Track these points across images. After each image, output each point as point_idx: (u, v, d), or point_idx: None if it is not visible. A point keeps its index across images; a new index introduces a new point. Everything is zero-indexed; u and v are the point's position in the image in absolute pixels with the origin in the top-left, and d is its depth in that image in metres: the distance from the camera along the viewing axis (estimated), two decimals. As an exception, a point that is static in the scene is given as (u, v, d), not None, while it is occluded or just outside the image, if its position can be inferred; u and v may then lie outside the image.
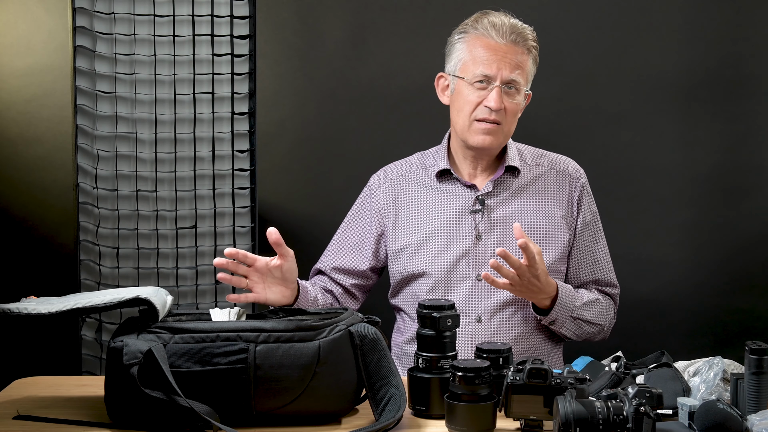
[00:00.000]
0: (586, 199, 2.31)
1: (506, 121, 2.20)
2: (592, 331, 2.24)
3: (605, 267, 2.31)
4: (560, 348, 2.31)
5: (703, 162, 3.14)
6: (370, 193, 2.37)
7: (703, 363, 1.80)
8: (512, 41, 2.18)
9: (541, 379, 1.60)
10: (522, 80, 2.20)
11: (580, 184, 2.30)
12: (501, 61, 2.17)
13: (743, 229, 3.14)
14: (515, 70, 2.18)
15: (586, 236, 2.29)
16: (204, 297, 2.75)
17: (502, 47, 2.18)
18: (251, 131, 2.75)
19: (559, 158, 2.34)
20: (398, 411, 1.65)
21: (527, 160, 2.31)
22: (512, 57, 2.18)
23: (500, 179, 2.26)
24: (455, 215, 2.25)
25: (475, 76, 2.18)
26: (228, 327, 1.67)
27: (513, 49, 2.19)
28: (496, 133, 2.20)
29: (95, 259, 2.70)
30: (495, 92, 2.17)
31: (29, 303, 1.73)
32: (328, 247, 2.38)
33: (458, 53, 2.23)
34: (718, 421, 1.56)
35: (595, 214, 2.32)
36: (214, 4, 2.72)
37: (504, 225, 2.23)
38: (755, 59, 3.12)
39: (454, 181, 2.28)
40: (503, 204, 2.25)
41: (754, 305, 3.15)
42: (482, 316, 2.20)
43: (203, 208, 2.74)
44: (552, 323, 2.17)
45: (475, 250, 2.22)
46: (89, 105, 2.69)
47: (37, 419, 1.70)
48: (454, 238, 2.23)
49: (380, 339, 1.72)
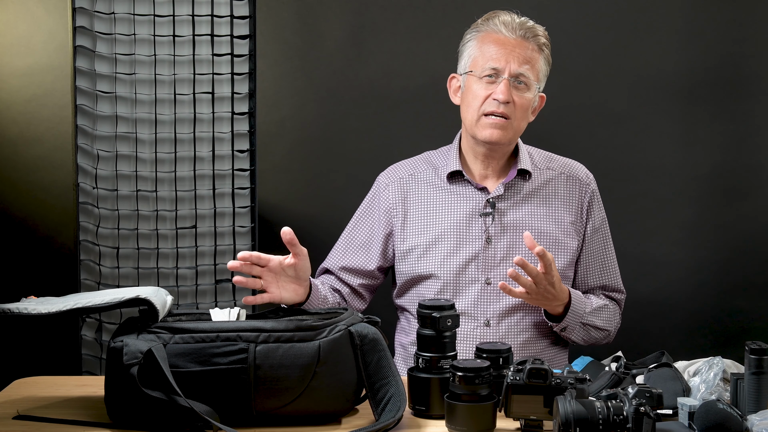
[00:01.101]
0: (596, 205, 2.30)
1: (515, 116, 2.20)
2: (599, 336, 2.24)
3: (613, 273, 2.31)
4: (566, 352, 2.31)
5: (703, 162, 3.14)
6: (378, 191, 2.35)
7: (703, 363, 1.80)
8: (522, 36, 2.20)
9: (541, 379, 1.60)
10: (532, 76, 2.20)
11: (590, 189, 2.30)
12: (510, 55, 2.18)
13: (743, 229, 3.14)
14: (524, 64, 2.18)
15: (596, 242, 2.29)
16: (204, 297, 2.75)
17: (511, 41, 2.19)
18: (251, 131, 2.75)
19: (569, 163, 2.34)
20: (398, 411, 1.65)
21: (537, 163, 2.30)
22: (521, 51, 2.19)
23: (511, 182, 2.25)
24: (465, 217, 2.24)
25: (484, 69, 2.19)
26: (228, 327, 1.67)
27: (522, 44, 2.19)
28: (505, 127, 2.19)
29: (95, 259, 2.70)
30: (503, 84, 2.17)
31: (29, 303, 1.73)
32: (336, 246, 2.37)
33: (469, 50, 2.24)
34: (718, 421, 1.56)
35: (604, 219, 2.32)
36: (214, 4, 2.72)
37: (514, 229, 2.22)
38: (755, 59, 3.12)
39: (465, 182, 2.27)
40: (514, 208, 2.24)
41: (754, 305, 3.14)
42: (491, 320, 2.20)
43: (203, 208, 2.74)
44: (563, 330, 2.17)
45: (485, 254, 2.21)
46: (89, 105, 2.69)
47: (37, 419, 1.70)
48: (464, 240, 2.22)
49: (380, 339, 1.71)
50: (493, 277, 2.20)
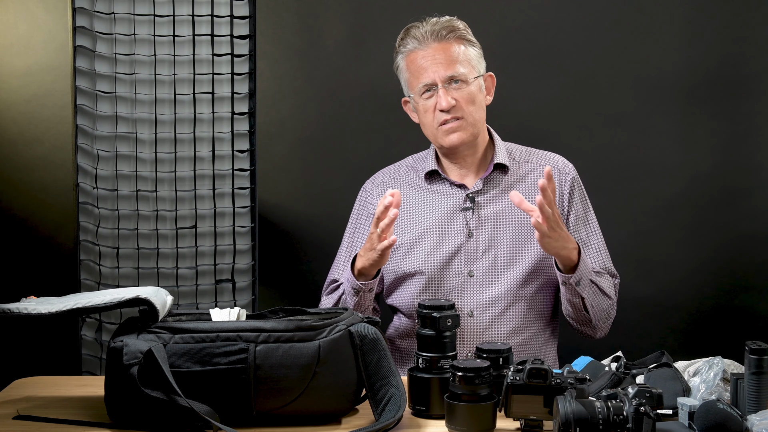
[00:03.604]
0: (577, 192, 2.32)
1: (467, 112, 2.22)
2: (605, 306, 2.21)
3: (603, 256, 2.31)
4: (554, 342, 2.32)
5: (703, 162, 3.14)
6: (365, 197, 2.39)
7: (703, 363, 1.80)
8: (436, 39, 2.23)
9: (541, 379, 1.60)
10: (464, 70, 2.22)
11: (570, 177, 2.32)
12: (433, 65, 2.21)
13: (743, 229, 3.14)
14: (451, 65, 2.21)
15: (580, 229, 2.30)
16: (204, 297, 2.75)
17: (428, 52, 2.23)
18: (251, 131, 2.75)
19: (549, 155, 2.36)
20: (398, 411, 1.65)
21: (516, 157, 2.33)
22: (442, 55, 2.22)
23: (490, 177, 2.29)
24: (446, 214, 2.27)
25: (420, 89, 2.24)
26: (228, 327, 1.67)
27: (441, 47, 2.22)
28: (463, 127, 2.22)
29: (95, 259, 2.70)
30: (441, 94, 2.20)
31: (29, 303, 1.73)
32: (339, 259, 2.38)
33: (402, 75, 2.30)
34: (718, 421, 1.56)
35: (586, 206, 2.33)
36: (214, 4, 2.72)
37: (495, 221, 2.25)
38: (755, 59, 3.12)
39: (443, 181, 2.30)
40: (493, 201, 2.27)
41: (754, 305, 3.15)
42: (474, 310, 2.22)
43: (203, 208, 2.74)
44: (578, 283, 2.14)
45: (467, 247, 2.24)
46: (89, 105, 2.69)
47: (37, 419, 1.70)
48: (446, 235, 2.25)
49: (380, 339, 1.72)
50: (476, 270, 2.23)
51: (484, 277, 2.23)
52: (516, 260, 2.23)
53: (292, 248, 3.13)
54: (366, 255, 2.09)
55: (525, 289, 2.23)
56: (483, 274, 2.23)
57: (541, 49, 3.11)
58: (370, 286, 2.15)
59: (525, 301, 2.24)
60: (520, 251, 2.23)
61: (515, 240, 2.24)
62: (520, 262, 2.23)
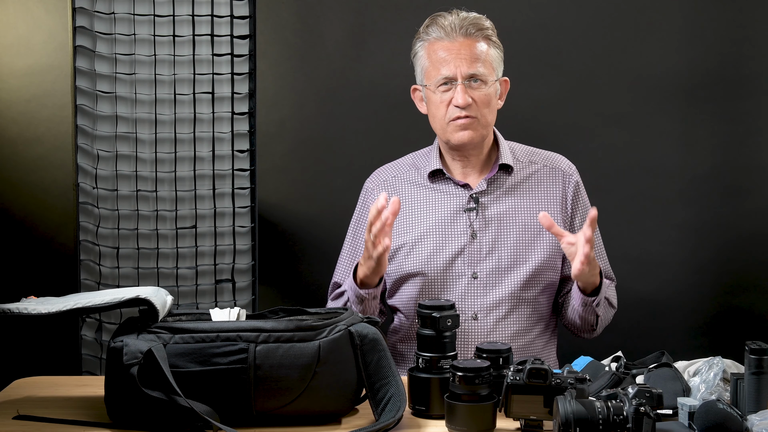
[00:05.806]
0: (582, 195, 2.32)
1: (480, 113, 2.21)
2: (609, 316, 2.24)
3: (603, 260, 2.31)
4: (554, 344, 2.32)
5: (703, 162, 3.14)
6: (366, 196, 2.37)
7: (703, 363, 1.80)
8: (464, 35, 2.20)
9: (541, 379, 1.60)
10: (485, 70, 2.20)
11: (574, 180, 2.31)
12: (457, 59, 2.19)
13: (743, 229, 3.14)
14: (474, 62, 2.19)
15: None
16: (204, 297, 2.75)
17: (455, 45, 2.20)
18: (251, 131, 2.75)
19: (552, 155, 2.35)
20: (398, 411, 1.65)
21: (520, 158, 2.32)
22: (467, 51, 2.19)
23: (494, 177, 2.27)
24: (449, 214, 2.25)
25: (437, 81, 2.21)
26: (228, 327, 1.67)
27: (467, 43, 2.20)
28: (474, 126, 2.21)
29: (95, 259, 2.70)
30: (459, 90, 2.18)
31: (29, 303, 1.73)
32: (342, 260, 2.36)
33: (420, 62, 2.26)
34: (718, 421, 1.56)
35: (588, 208, 2.33)
36: (214, 4, 2.72)
37: (499, 222, 2.24)
38: (755, 59, 3.12)
39: (446, 180, 2.28)
40: (497, 201, 2.26)
41: (754, 305, 3.15)
42: (478, 313, 2.21)
43: (203, 208, 2.74)
44: (597, 304, 2.14)
45: (471, 248, 2.22)
46: (89, 105, 2.69)
47: (37, 419, 1.70)
48: (449, 236, 2.24)
49: (380, 339, 1.72)
50: (480, 271, 2.21)
51: (488, 279, 2.21)
52: (520, 262, 2.22)
53: (292, 248, 3.12)
54: (366, 264, 2.07)
55: (528, 292, 2.22)
56: (487, 276, 2.21)
57: (541, 49, 3.11)
58: (373, 294, 2.13)
59: (528, 304, 2.22)
60: (524, 253, 2.22)
61: (519, 242, 2.23)
62: (523, 264, 2.22)
